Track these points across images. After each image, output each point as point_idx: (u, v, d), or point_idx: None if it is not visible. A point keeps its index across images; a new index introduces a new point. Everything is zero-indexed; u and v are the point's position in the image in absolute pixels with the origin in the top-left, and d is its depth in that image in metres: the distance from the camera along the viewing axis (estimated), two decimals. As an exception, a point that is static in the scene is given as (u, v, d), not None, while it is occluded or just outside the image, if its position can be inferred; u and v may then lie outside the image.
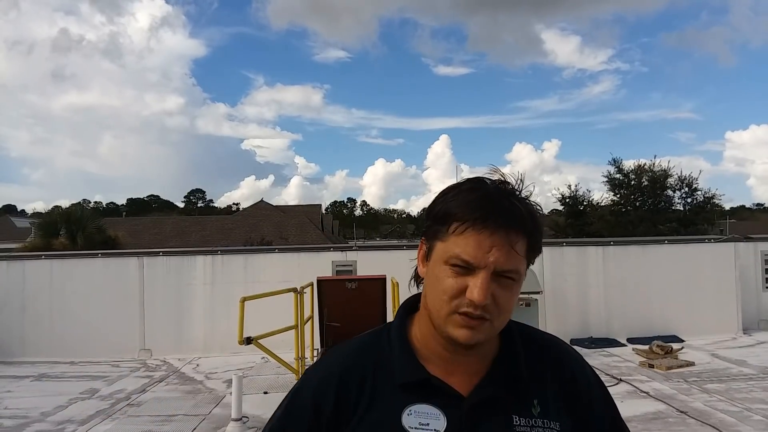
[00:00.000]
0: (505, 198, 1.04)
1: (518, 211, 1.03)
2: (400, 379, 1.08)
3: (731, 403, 6.25)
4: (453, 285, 1.02)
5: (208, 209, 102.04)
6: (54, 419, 6.38)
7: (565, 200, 32.65)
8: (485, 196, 1.03)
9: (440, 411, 1.05)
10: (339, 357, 1.14)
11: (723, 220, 42.31)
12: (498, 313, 1.03)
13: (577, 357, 1.22)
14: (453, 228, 1.02)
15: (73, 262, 10.76)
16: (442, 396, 1.06)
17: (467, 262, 1.00)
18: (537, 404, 1.10)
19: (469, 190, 1.05)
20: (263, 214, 40.79)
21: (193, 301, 10.01)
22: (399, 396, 1.07)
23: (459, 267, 1.01)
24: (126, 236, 31.26)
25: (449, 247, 1.02)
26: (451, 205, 1.04)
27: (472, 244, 1.00)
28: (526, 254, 1.05)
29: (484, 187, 1.05)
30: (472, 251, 1.00)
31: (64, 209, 32.12)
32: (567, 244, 11.23)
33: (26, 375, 8.61)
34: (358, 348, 1.16)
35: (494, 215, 1.01)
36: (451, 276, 1.02)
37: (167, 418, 6.34)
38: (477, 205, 1.01)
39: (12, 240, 36.42)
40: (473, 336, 1.02)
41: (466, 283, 1.01)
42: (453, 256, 1.02)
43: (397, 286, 7.33)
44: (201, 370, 8.72)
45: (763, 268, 10.96)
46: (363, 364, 1.11)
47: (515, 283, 1.04)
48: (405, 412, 1.05)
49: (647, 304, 10.14)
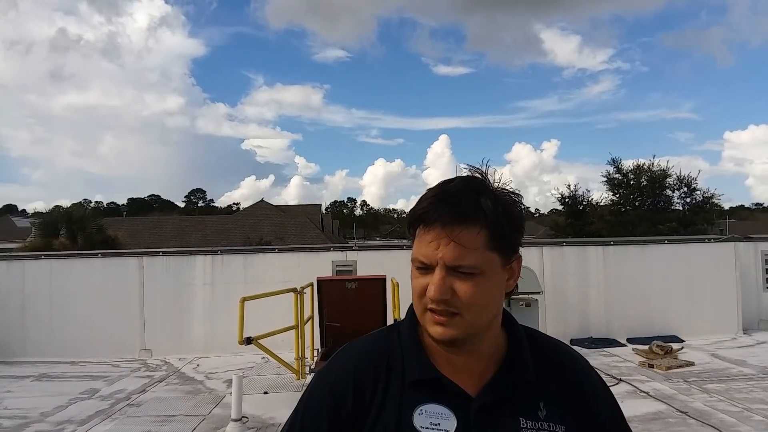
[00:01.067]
0: (455, 194, 1.05)
1: (468, 205, 1.03)
2: (411, 377, 1.09)
3: (731, 403, 6.24)
4: (419, 284, 1.06)
5: (208, 209, 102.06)
6: (54, 419, 6.38)
7: (564, 200, 32.64)
8: (434, 195, 1.06)
9: (450, 411, 1.06)
10: (352, 357, 1.15)
11: (722, 220, 42.30)
12: (466, 307, 1.03)
13: (583, 362, 1.24)
14: (415, 231, 1.07)
15: (73, 262, 10.76)
16: (451, 396, 1.07)
17: (422, 262, 1.05)
18: (543, 407, 1.11)
19: (427, 193, 1.08)
20: (263, 214, 40.79)
21: (193, 301, 10.01)
22: (410, 394, 1.08)
23: (421, 267, 1.05)
24: (126, 236, 31.26)
25: (414, 251, 1.07)
26: (411, 211, 1.08)
27: (424, 244, 1.04)
28: (487, 247, 1.04)
29: (442, 186, 1.08)
30: (424, 250, 1.04)
31: (64, 209, 32.16)
32: (567, 244, 11.22)
33: (26, 375, 8.61)
34: (369, 348, 1.16)
35: (437, 212, 1.03)
36: (418, 276, 1.06)
37: (167, 418, 6.34)
38: (424, 206, 1.05)
39: (12, 240, 36.42)
40: (446, 332, 1.04)
41: (428, 280, 1.04)
42: (415, 258, 1.06)
43: (398, 286, 7.33)
44: (201, 370, 8.72)
45: (763, 268, 10.96)
46: (376, 363, 1.11)
47: (477, 276, 1.03)
48: (416, 411, 1.06)
49: (647, 304, 10.14)
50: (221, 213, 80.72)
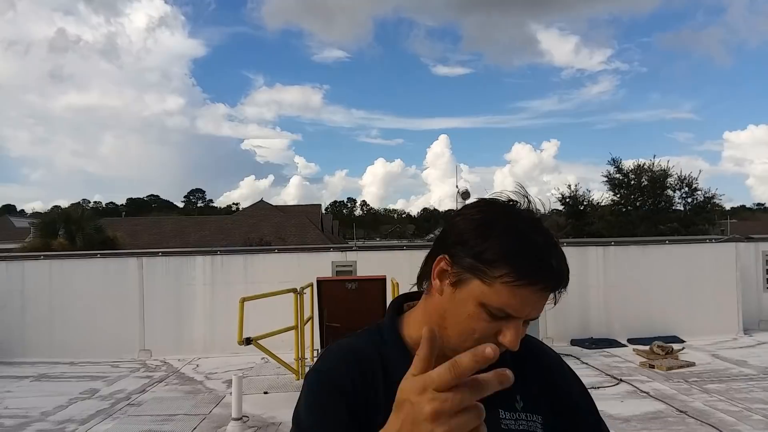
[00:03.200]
0: (556, 253, 1.04)
1: (566, 271, 1.04)
2: (398, 376, 1.07)
3: (731, 403, 6.24)
4: (486, 329, 1.02)
5: (208, 209, 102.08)
6: (54, 419, 6.38)
7: (564, 200, 32.64)
8: (541, 249, 1.02)
9: None
10: (342, 352, 1.15)
11: (723, 220, 42.29)
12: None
13: (554, 354, 1.28)
14: (502, 278, 0.99)
15: (73, 262, 10.76)
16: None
17: (507, 313, 1.01)
18: (520, 399, 1.14)
19: (523, 237, 1.01)
20: (263, 214, 40.79)
21: (192, 302, 10.00)
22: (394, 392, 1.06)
23: (497, 315, 1.01)
24: (125, 236, 31.25)
25: (492, 295, 1.00)
26: (504, 252, 0.99)
27: (519, 301, 1.00)
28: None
29: (535, 232, 1.03)
30: (518, 307, 1.00)
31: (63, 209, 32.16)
32: (567, 244, 11.21)
33: (26, 375, 8.61)
34: (355, 345, 1.16)
35: (549, 279, 1.01)
36: (485, 320, 1.02)
37: (168, 418, 6.34)
38: (534, 263, 1.00)
39: (11, 240, 36.42)
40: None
41: (499, 327, 1.02)
42: (495, 306, 1.00)
43: (397, 287, 7.32)
44: (201, 370, 8.71)
45: (764, 268, 10.95)
46: (363, 359, 1.12)
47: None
48: None
49: (648, 305, 10.14)
50: (221, 213, 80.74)
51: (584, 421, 1.25)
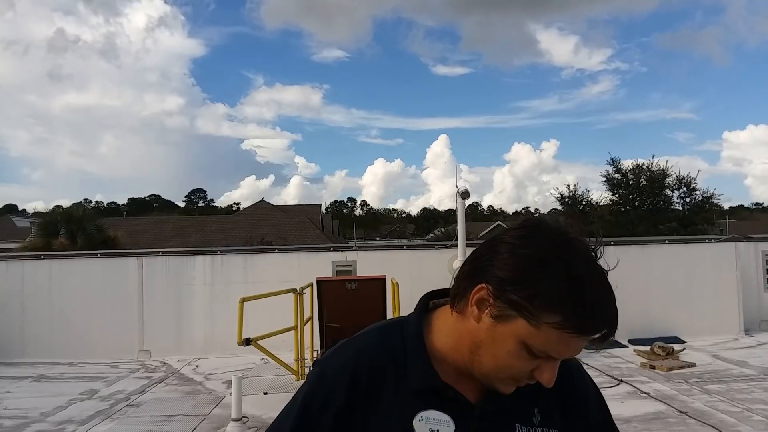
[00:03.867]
0: (611, 298, 0.99)
1: (616, 320, 0.99)
2: (413, 384, 1.08)
3: (732, 404, 6.23)
4: (523, 365, 1.01)
5: (209, 209, 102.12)
6: (54, 419, 6.37)
7: (564, 200, 32.67)
8: (598, 297, 0.97)
9: (450, 418, 1.06)
10: (353, 352, 1.12)
11: (723, 220, 42.31)
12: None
13: (575, 365, 1.24)
14: (554, 324, 0.96)
15: (73, 262, 10.76)
16: (452, 403, 1.08)
17: (549, 355, 0.99)
18: (537, 413, 1.13)
19: (579, 282, 0.96)
20: (263, 214, 40.77)
21: (192, 302, 9.99)
22: (411, 399, 1.07)
23: (538, 355, 1.00)
24: (126, 236, 31.24)
25: (538, 337, 0.97)
26: (559, 298, 0.95)
27: (566, 347, 0.98)
28: None
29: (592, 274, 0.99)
30: (563, 351, 0.99)
31: (64, 209, 32.16)
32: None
33: (26, 376, 8.60)
34: (371, 346, 1.13)
35: (603, 329, 0.97)
36: (524, 359, 1.00)
37: (167, 418, 6.34)
38: (590, 313, 0.96)
39: (12, 240, 36.40)
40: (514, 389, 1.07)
41: (537, 364, 1.01)
42: (538, 348, 0.98)
43: (397, 287, 7.31)
44: (200, 371, 8.70)
45: (763, 268, 10.94)
46: (375, 363, 1.10)
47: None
48: (417, 417, 1.06)
49: (648, 305, 10.12)
50: (221, 213, 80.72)
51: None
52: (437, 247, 11.16)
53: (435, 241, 23.91)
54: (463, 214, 10.03)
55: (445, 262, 9.78)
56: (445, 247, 10.53)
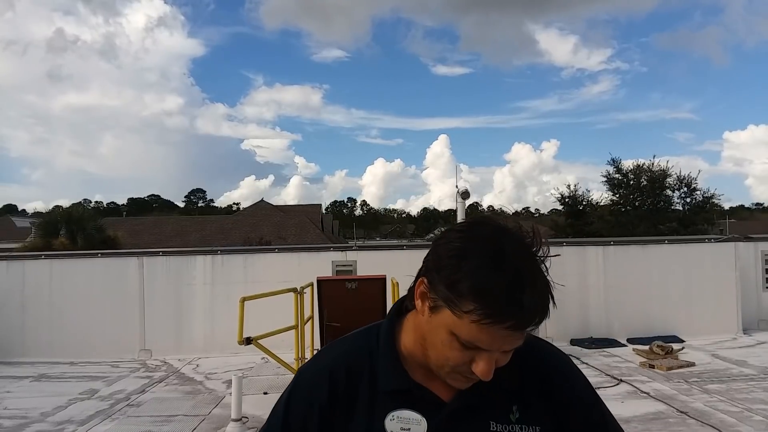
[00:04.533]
0: (531, 286, 0.97)
1: (542, 307, 0.98)
2: (384, 386, 1.12)
3: (731, 404, 6.24)
4: (459, 358, 1.02)
5: (208, 209, 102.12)
6: (54, 419, 6.38)
7: (564, 200, 32.67)
8: (511, 286, 0.95)
9: (421, 416, 1.09)
10: (331, 356, 1.19)
11: (723, 220, 42.31)
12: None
13: (564, 364, 1.22)
14: (470, 314, 0.96)
15: (73, 262, 10.75)
16: (424, 402, 1.11)
17: (477, 347, 1.00)
18: (516, 410, 1.13)
19: (495, 272, 0.96)
20: (263, 214, 40.80)
21: (192, 302, 10.00)
22: (384, 400, 1.11)
23: (469, 346, 1.00)
24: (126, 236, 31.26)
25: (462, 328, 0.98)
26: (471, 285, 0.96)
27: (488, 337, 0.98)
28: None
29: (509, 265, 0.97)
30: (488, 342, 0.99)
31: (64, 209, 32.15)
32: (567, 244, 11.22)
33: (26, 375, 8.60)
34: (348, 349, 1.19)
35: (518, 319, 0.96)
36: (457, 349, 1.01)
37: (167, 419, 6.34)
38: (502, 303, 0.95)
39: (12, 240, 36.41)
40: (470, 384, 1.07)
41: (472, 356, 1.01)
42: (466, 339, 0.99)
43: (397, 286, 7.32)
44: (201, 370, 8.71)
45: (763, 268, 10.94)
46: (352, 365, 1.15)
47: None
48: (388, 417, 1.10)
49: (647, 304, 10.13)
50: (221, 213, 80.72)
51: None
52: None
53: (435, 241, 23.87)
54: (464, 214, 10.05)
55: (445, 262, 9.78)
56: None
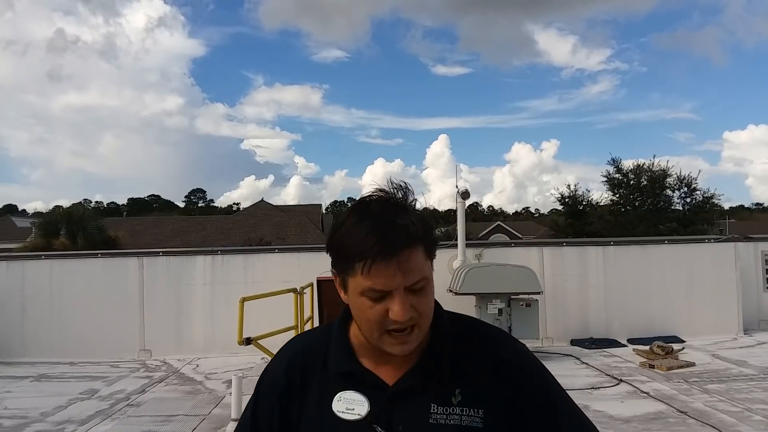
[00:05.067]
0: (390, 222, 1.11)
1: (405, 230, 1.11)
2: (334, 369, 1.23)
3: (732, 404, 6.24)
4: (376, 313, 1.12)
5: (208, 209, 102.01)
6: (54, 419, 6.38)
7: (564, 200, 32.66)
8: (373, 228, 1.10)
9: (365, 398, 1.19)
10: (290, 349, 1.33)
11: (723, 220, 42.29)
12: (421, 317, 1.14)
13: (508, 343, 1.30)
14: (357, 267, 1.11)
15: (73, 262, 10.76)
16: (369, 385, 1.20)
17: (380, 291, 1.10)
18: (459, 393, 1.19)
19: (357, 225, 1.12)
20: (263, 214, 40.77)
21: (192, 302, 10.00)
22: (333, 383, 1.22)
23: (375, 297, 1.11)
24: (126, 236, 31.24)
25: (361, 283, 1.11)
26: (347, 246, 1.12)
27: (378, 276, 1.09)
28: (426, 258, 1.15)
29: (368, 216, 1.13)
30: (381, 281, 1.10)
31: (64, 209, 32.13)
32: (567, 244, 11.22)
33: (26, 375, 8.61)
34: (304, 342, 1.35)
35: (386, 246, 1.09)
36: (370, 305, 1.12)
37: (167, 418, 6.34)
38: (369, 242, 1.09)
39: (12, 240, 36.40)
40: (407, 347, 1.16)
41: (386, 306, 1.11)
42: (366, 289, 1.11)
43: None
44: (201, 370, 8.71)
45: (763, 268, 10.95)
46: (307, 355, 1.28)
47: (427, 286, 1.14)
48: (336, 398, 1.20)
49: (647, 305, 10.14)
50: (221, 213, 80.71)
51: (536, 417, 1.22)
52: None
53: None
54: (464, 214, 10.05)
55: (445, 262, 9.79)
56: (445, 247, 10.53)
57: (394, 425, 1.17)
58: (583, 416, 1.27)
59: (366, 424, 1.17)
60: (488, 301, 8.43)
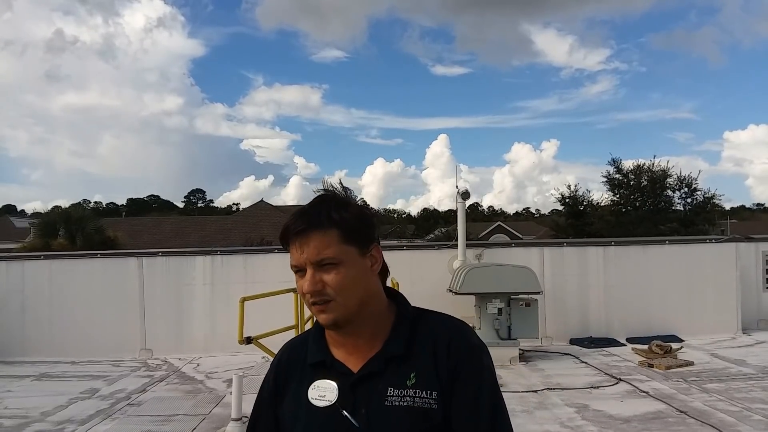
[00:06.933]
0: (312, 208, 1.33)
1: (317, 215, 1.31)
2: (309, 359, 1.39)
3: (731, 403, 6.25)
4: (299, 286, 1.32)
5: (208, 209, 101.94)
6: (54, 419, 6.39)
7: (564, 200, 32.65)
8: (296, 213, 1.34)
9: (335, 385, 1.33)
10: (282, 349, 1.50)
11: (723, 221, 42.28)
12: (336, 292, 1.29)
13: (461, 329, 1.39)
14: (287, 245, 1.33)
15: (73, 262, 10.76)
16: (337, 372, 1.34)
17: (296, 266, 1.31)
18: (413, 377, 1.30)
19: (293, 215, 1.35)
20: (263, 214, 40.80)
21: (193, 301, 10.00)
22: (309, 374, 1.38)
23: (297, 272, 1.32)
24: (125, 236, 31.25)
25: (289, 260, 1.33)
26: (282, 229, 1.35)
27: (293, 253, 1.31)
28: (342, 241, 1.30)
29: (303, 207, 1.37)
30: (294, 257, 1.31)
31: (63, 209, 32.11)
32: (567, 244, 11.22)
33: (26, 375, 8.61)
34: (294, 341, 1.52)
35: (293, 225, 1.31)
36: (298, 280, 1.33)
37: (167, 418, 6.35)
38: (286, 223, 1.33)
39: (11, 240, 36.40)
40: (327, 317, 1.31)
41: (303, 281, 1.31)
42: (292, 266, 1.32)
43: (397, 286, 7.32)
44: (201, 369, 8.72)
45: (763, 268, 10.95)
46: (293, 352, 1.46)
47: (338, 266, 1.29)
48: (311, 387, 1.35)
49: (647, 304, 10.14)
50: (221, 213, 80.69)
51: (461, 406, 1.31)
52: (437, 247, 11.17)
53: (435, 242, 23.90)
54: (464, 214, 10.05)
55: (445, 263, 9.80)
56: (445, 248, 10.54)
57: (357, 408, 1.29)
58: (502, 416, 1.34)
59: (335, 409, 1.30)
60: (488, 301, 8.43)
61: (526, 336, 8.66)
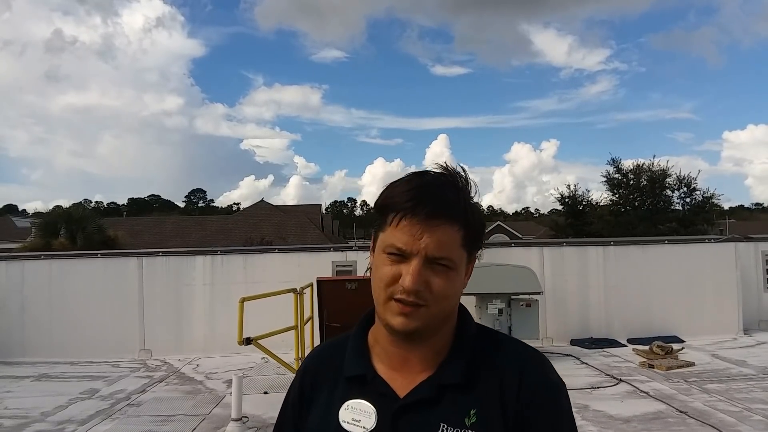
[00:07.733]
0: (439, 187, 1.06)
1: (449, 200, 1.05)
2: (346, 372, 1.15)
3: (731, 403, 6.24)
4: (389, 272, 1.05)
5: (209, 209, 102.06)
6: (54, 419, 6.38)
7: (564, 200, 32.65)
8: (419, 186, 1.06)
9: (374, 409, 1.08)
10: (310, 354, 1.28)
11: (723, 220, 42.29)
12: (434, 300, 1.04)
13: (534, 365, 1.14)
14: (390, 219, 1.06)
15: (73, 262, 10.76)
16: (379, 393, 1.10)
17: (401, 249, 1.04)
18: (474, 414, 1.06)
19: (407, 182, 1.08)
20: (263, 214, 40.76)
21: (192, 302, 10.00)
22: (344, 388, 1.13)
23: (395, 255, 1.05)
24: (126, 236, 31.22)
25: (387, 237, 1.06)
26: (390, 197, 1.08)
27: (404, 232, 1.04)
28: (462, 244, 1.07)
29: (422, 178, 1.09)
30: (404, 238, 1.03)
31: (64, 209, 32.08)
32: (567, 244, 11.22)
33: (26, 375, 8.61)
34: (325, 346, 1.28)
35: (423, 203, 1.04)
36: (387, 264, 1.06)
37: (167, 418, 6.34)
38: (410, 195, 1.05)
39: (12, 240, 36.39)
40: (409, 323, 1.05)
41: (401, 270, 1.04)
42: (389, 245, 1.05)
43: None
44: (201, 370, 8.71)
45: (763, 268, 10.95)
46: (323, 360, 1.22)
47: (450, 270, 1.05)
48: (344, 405, 1.11)
49: (647, 305, 10.14)
50: (221, 213, 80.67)
51: None
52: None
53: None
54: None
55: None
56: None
57: None
58: None
59: None
60: (488, 301, 8.43)
61: (527, 337, 8.62)
